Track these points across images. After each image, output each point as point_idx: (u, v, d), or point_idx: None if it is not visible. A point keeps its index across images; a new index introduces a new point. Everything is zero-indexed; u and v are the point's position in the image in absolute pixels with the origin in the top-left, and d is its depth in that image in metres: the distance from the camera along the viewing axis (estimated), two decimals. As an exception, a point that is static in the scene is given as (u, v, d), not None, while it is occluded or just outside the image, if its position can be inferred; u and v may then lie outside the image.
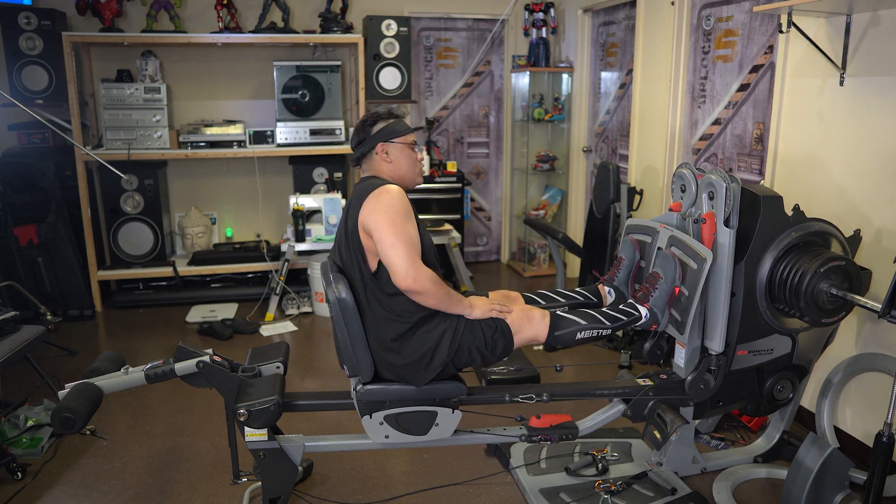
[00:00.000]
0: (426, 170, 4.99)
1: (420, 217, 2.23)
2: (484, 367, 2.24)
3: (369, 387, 2.19)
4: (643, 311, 2.32)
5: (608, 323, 2.29)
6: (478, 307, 2.20)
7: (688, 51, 3.80)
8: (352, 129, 2.28)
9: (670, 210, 2.48)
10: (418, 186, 2.40)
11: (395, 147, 2.25)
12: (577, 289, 2.58)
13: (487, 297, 2.35)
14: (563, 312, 2.31)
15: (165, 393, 3.31)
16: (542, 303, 2.46)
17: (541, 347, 3.85)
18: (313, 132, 4.76)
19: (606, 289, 2.54)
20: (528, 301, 2.48)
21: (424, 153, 2.39)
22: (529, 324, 2.24)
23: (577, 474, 2.58)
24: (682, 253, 2.30)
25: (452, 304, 2.16)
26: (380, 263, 2.11)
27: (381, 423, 2.23)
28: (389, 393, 2.20)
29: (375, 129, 2.25)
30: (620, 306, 2.34)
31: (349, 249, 2.16)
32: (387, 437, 2.26)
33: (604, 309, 2.34)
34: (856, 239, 2.43)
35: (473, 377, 3.38)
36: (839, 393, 2.72)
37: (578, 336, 2.27)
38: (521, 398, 2.35)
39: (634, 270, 2.51)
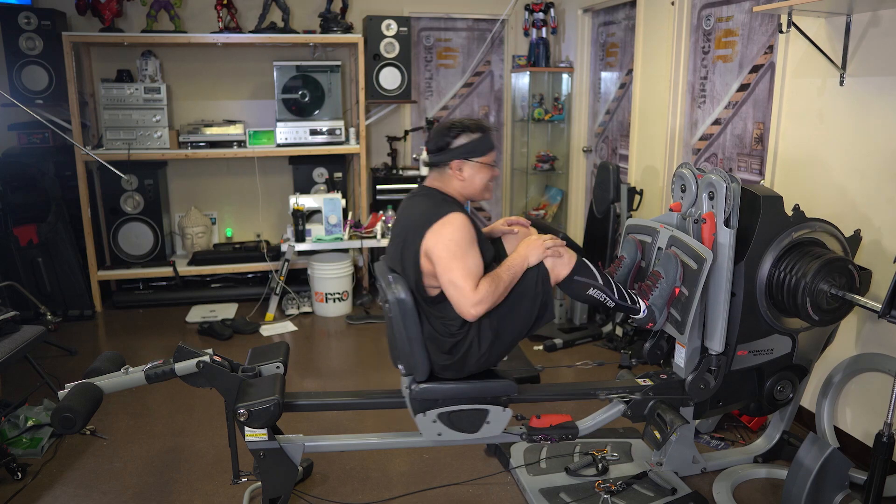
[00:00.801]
0: (425, 170, 4.99)
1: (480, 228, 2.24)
2: (531, 331, 2.24)
3: (424, 385, 2.20)
4: (642, 305, 2.32)
5: (616, 296, 2.29)
6: (533, 254, 2.19)
7: (688, 51, 3.80)
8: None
9: (670, 210, 2.48)
10: (415, 186, 2.39)
11: (473, 166, 2.20)
12: None
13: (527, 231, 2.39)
14: (590, 264, 2.29)
15: (165, 393, 3.31)
16: (560, 235, 2.44)
17: (541, 348, 3.89)
18: (313, 132, 4.76)
19: None
20: (545, 232, 2.45)
21: (498, 169, 2.34)
22: (560, 262, 2.23)
23: (577, 474, 2.58)
24: (682, 253, 2.30)
25: (514, 279, 2.15)
26: (440, 293, 2.12)
27: (435, 421, 2.24)
28: (443, 391, 2.22)
29: (457, 143, 2.18)
30: (627, 290, 2.34)
31: (405, 267, 2.16)
32: (440, 434, 2.27)
33: (617, 283, 2.34)
34: (856, 239, 2.43)
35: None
36: (839, 393, 2.71)
37: (589, 291, 2.27)
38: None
39: (635, 270, 2.51)
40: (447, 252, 2.05)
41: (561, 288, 2.31)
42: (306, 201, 4.60)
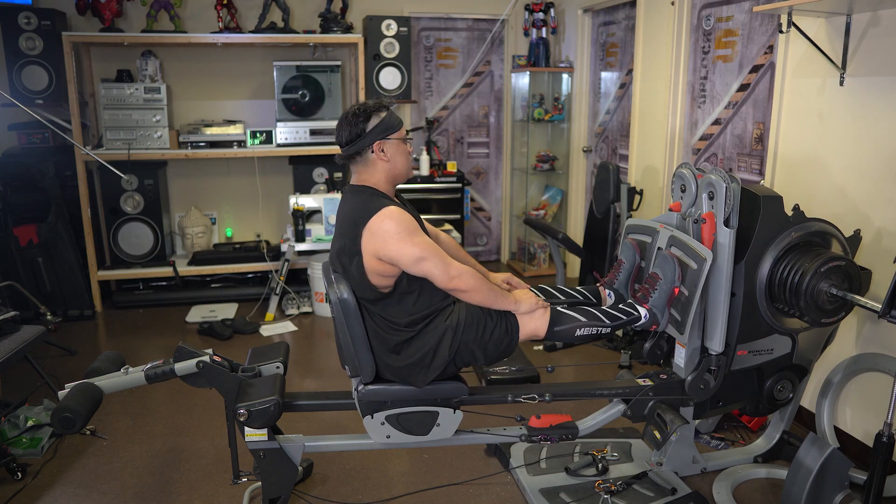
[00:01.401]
0: (426, 169, 5.00)
1: (420, 217, 2.22)
2: (486, 366, 2.22)
3: (371, 387, 2.19)
4: (642, 311, 2.31)
5: (607, 321, 2.29)
6: (524, 302, 2.20)
7: (688, 51, 3.80)
8: (337, 129, 2.16)
9: (670, 210, 2.48)
10: (419, 186, 2.39)
11: (392, 144, 2.17)
12: (578, 287, 2.58)
13: (510, 284, 2.37)
14: (564, 309, 2.29)
15: (165, 393, 3.31)
16: (543, 297, 2.45)
17: (540, 348, 3.89)
18: (313, 132, 4.76)
19: (606, 291, 2.54)
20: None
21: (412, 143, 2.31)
22: (531, 317, 2.22)
23: (577, 474, 2.58)
24: (682, 253, 2.30)
25: (498, 300, 2.16)
26: (393, 287, 2.10)
27: (383, 424, 2.23)
28: (391, 393, 2.20)
29: (370, 126, 2.14)
30: (620, 305, 2.34)
31: (346, 267, 2.12)
32: (388, 437, 2.25)
33: (604, 308, 2.34)
34: (856, 239, 2.43)
35: (473, 377, 3.38)
36: (839, 393, 2.71)
37: (577, 333, 2.27)
38: (524, 398, 2.35)
39: (634, 272, 2.51)
40: (399, 242, 2.02)
41: (547, 348, 2.30)
42: (306, 201, 4.60)
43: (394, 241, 2.02)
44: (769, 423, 2.75)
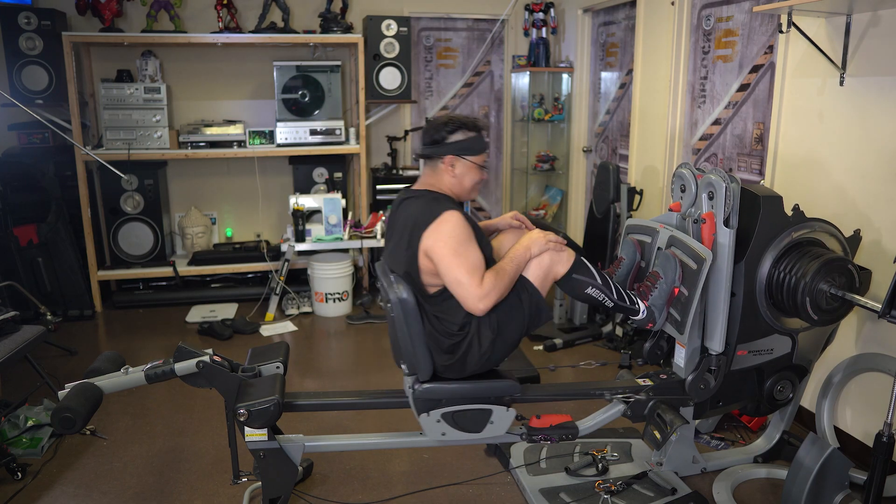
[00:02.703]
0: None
1: (479, 225, 2.24)
2: (530, 329, 2.25)
3: (427, 385, 2.20)
4: (641, 306, 2.32)
5: (615, 296, 2.29)
6: (535, 245, 2.21)
7: (688, 51, 3.80)
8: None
9: (670, 210, 2.48)
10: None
11: (465, 164, 2.22)
12: None
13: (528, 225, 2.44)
14: (588, 263, 2.29)
15: (165, 393, 3.31)
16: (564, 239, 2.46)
17: (541, 348, 3.89)
18: (313, 132, 4.76)
19: None
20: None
21: (487, 172, 2.35)
22: (559, 257, 2.23)
23: (577, 474, 2.58)
24: (682, 253, 2.30)
25: (518, 271, 2.18)
26: (441, 290, 2.12)
27: (439, 421, 2.24)
28: (446, 391, 2.22)
29: (452, 139, 2.20)
30: (627, 291, 2.34)
31: (405, 267, 2.15)
32: (443, 434, 2.26)
33: (617, 284, 2.34)
34: (856, 239, 2.43)
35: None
36: (839, 393, 2.72)
37: (587, 290, 2.27)
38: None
39: (634, 271, 2.51)
40: (448, 249, 2.06)
41: (559, 286, 2.31)
42: (306, 201, 4.60)
43: (443, 246, 2.06)
44: (769, 423, 2.75)
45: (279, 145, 4.74)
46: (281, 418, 2.11)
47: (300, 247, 4.49)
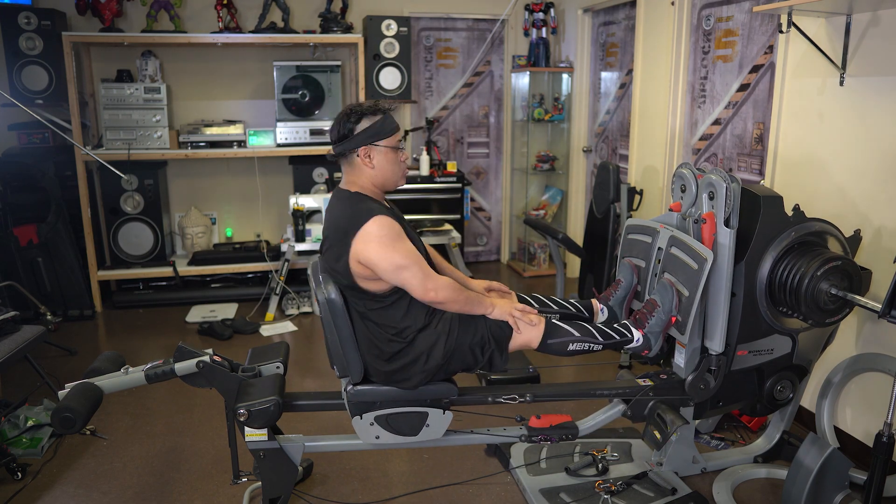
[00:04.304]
0: (426, 169, 4.99)
1: (419, 217, 2.22)
2: (476, 371, 2.23)
3: (360, 387, 2.19)
4: (637, 335, 2.31)
5: (600, 339, 2.28)
6: (498, 307, 2.20)
7: (688, 51, 3.80)
8: (332, 124, 2.14)
9: (670, 210, 2.48)
10: (419, 186, 2.37)
11: (380, 151, 2.11)
12: (571, 300, 2.56)
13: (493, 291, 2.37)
14: (559, 321, 2.28)
15: (165, 393, 3.31)
16: (536, 306, 2.44)
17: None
18: (313, 132, 4.76)
19: (600, 306, 2.53)
20: (521, 302, 2.44)
21: (407, 151, 2.26)
22: (526, 328, 2.21)
23: (577, 474, 2.58)
24: (682, 253, 2.30)
25: (475, 306, 2.16)
26: (383, 294, 2.09)
27: (372, 424, 2.23)
28: (380, 394, 2.20)
29: (359, 129, 2.09)
30: (615, 325, 2.33)
31: (337, 270, 2.10)
32: (377, 437, 2.25)
33: (598, 324, 2.33)
34: (856, 239, 2.43)
35: (473, 378, 3.38)
36: (839, 393, 2.72)
37: (570, 347, 2.26)
38: (504, 398, 2.34)
39: (631, 294, 2.51)
40: (382, 247, 2.00)
41: (543, 352, 2.29)
42: (306, 201, 4.60)
43: (375, 246, 2.00)
44: (769, 423, 2.75)
45: (279, 145, 4.74)
46: (281, 418, 2.11)
47: (300, 247, 4.49)
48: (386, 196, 2.26)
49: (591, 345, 2.27)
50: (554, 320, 2.29)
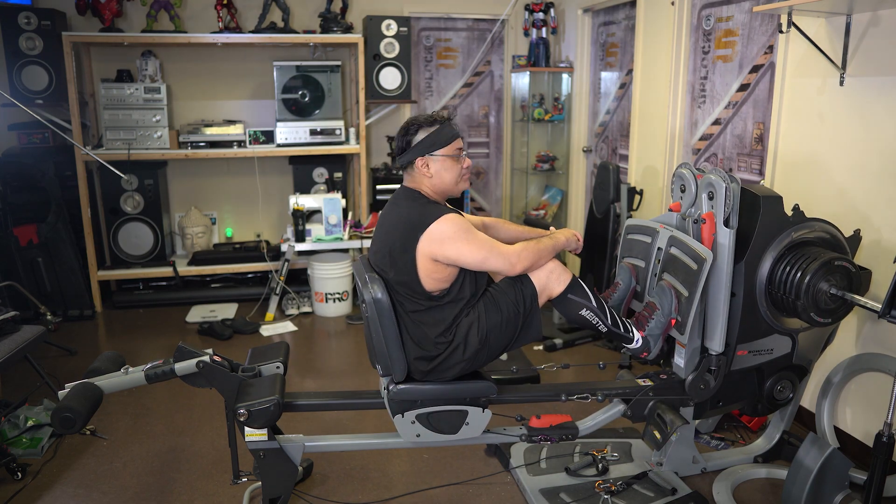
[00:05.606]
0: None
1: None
2: (513, 347, 2.25)
3: (402, 386, 2.20)
4: (637, 335, 2.32)
5: (608, 322, 2.28)
6: (562, 237, 2.32)
7: (688, 51, 3.80)
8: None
9: (670, 210, 2.49)
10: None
11: (437, 161, 2.18)
12: None
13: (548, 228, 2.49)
14: (585, 285, 2.29)
15: (165, 393, 3.31)
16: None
17: (541, 348, 3.89)
18: (313, 132, 4.76)
19: None
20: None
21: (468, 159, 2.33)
22: (555, 276, 2.23)
23: (577, 474, 2.58)
24: (681, 253, 2.30)
25: (550, 251, 2.24)
26: (449, 289, 2.13)
27: (413, 423, 2.24)
28: (422, 392, 2.21)
29: (416, 140, 2.17)
30: (622, 318, 2.34)
31: (397, 269, 2.12)
32: (418, 435, 2.26)
33: (612, 309, 2.33)
34: (856, 239, 2.43)
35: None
36: (839, 393, 2.72)
37: (582, 312, 2.25)
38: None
39: (630, 294, 2.52)
40: (462, 243, 2.06)
41: (554, 305, 2.29)
42: (306, 201, 4.60)
43: (455, 243, 2.06)
44: (769, 423, 2.75)
45: (279, 145, 4.74)
46: (281, 418, 2.11)
47: (300, 247, 4.49)
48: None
49: (600, 322, 2.27)
50: (581, 281, 2.30)
